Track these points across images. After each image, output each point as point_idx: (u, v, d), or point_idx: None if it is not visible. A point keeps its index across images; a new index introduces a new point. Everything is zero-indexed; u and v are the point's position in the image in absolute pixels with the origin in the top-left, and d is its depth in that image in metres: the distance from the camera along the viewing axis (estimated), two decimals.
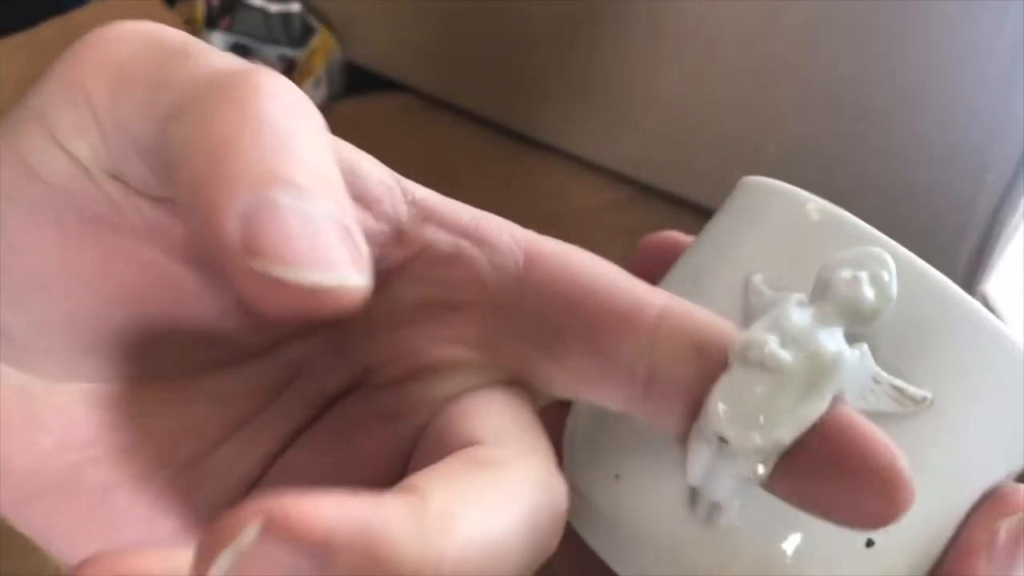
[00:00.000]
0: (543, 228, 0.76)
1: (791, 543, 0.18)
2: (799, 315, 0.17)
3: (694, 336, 0.18)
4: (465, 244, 0.20)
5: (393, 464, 0.19)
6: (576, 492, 0.20)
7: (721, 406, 0.16)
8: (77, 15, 0.79)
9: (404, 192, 0.20)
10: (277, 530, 0.12)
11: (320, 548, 0.12)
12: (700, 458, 0.17)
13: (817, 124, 0.67)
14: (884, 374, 0.17)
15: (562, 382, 0.19)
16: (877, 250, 0.18)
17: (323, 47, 0.89)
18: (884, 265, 0.18)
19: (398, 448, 0.19)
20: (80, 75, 0.16)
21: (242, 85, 0.15)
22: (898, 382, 0.18)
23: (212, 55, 0.17)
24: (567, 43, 0.76)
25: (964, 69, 0.60)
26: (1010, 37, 0.58)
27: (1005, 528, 0.19)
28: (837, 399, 0.17)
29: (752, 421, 0.16)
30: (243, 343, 0.19)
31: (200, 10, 0.89)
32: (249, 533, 0.12)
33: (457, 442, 0.17)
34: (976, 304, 0.18)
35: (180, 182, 0.15)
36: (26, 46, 0.75)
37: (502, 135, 0.84)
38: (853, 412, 0.17)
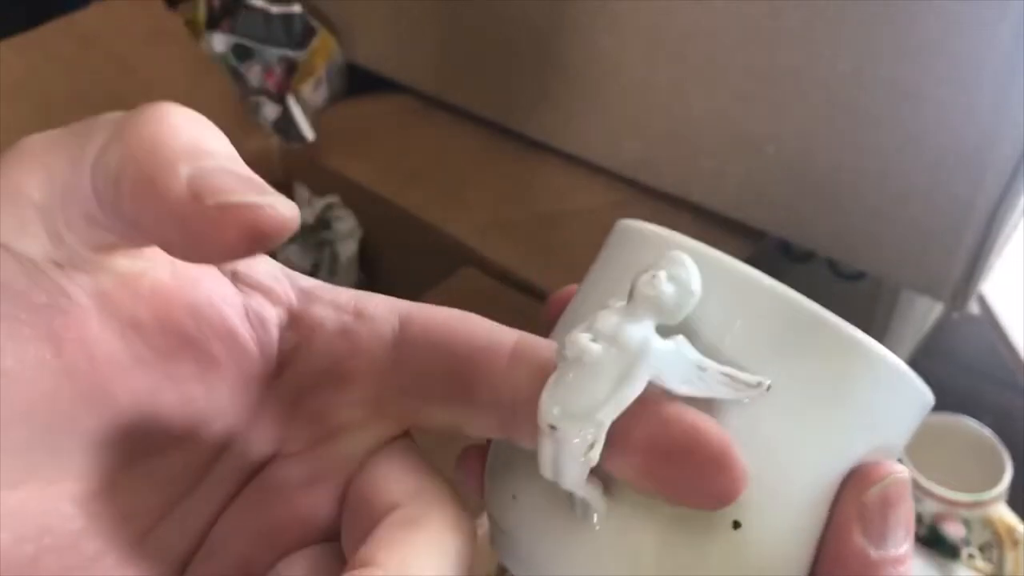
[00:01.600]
0: (543, 228, 0.76)
1: (660, 533, 0.20)
2: (610, 315, 0.19)
3: (542, 361, 0.21)
4: (348, 319, 0.23)
5: (315, 523, 0.22)
6: (489, 517, 0.23)
7: (548, 400, 0.19)
8: (78, 16, 0.79)
9: (291, 282, 0.23)
10: None
11: None
12: (544, 451, 0.19)
13: (816, 124, 0.67)
14: (710, 362, 0.19)
15: (447, 422, 0.22)
16: (675, 252, 0.20)
17: (324, 48, 0.90)
18: (681, 264, 0.20)
19: (318, 509, 0.22)
20: (15, 180, 0.19)
21: (149, 109, 0.19)
22: (727, 369, 0.20)
23: (115, 112, 0.19)
24: (567, 44, 0.77)
25: (963, 70, 0.61)
26: (1009, 37, 0.59)
27: (870, 499, 0.20)
28: (654, 384, 0.19)
29: (574, 409, 0.19)
30: (174, 423, 0.22)
31: (201, 11, 0.89)
32: None
33: (380, 507, 0.20)
34: (807, 302, 0.21)
35: (124, 185, 0.18)
36: (27, 47, 0.75)
37: (502, 135, 0.84)
38: (686, 406, 0.19)
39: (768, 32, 0.66)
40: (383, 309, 0.23)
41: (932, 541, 0.75)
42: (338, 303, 0.23)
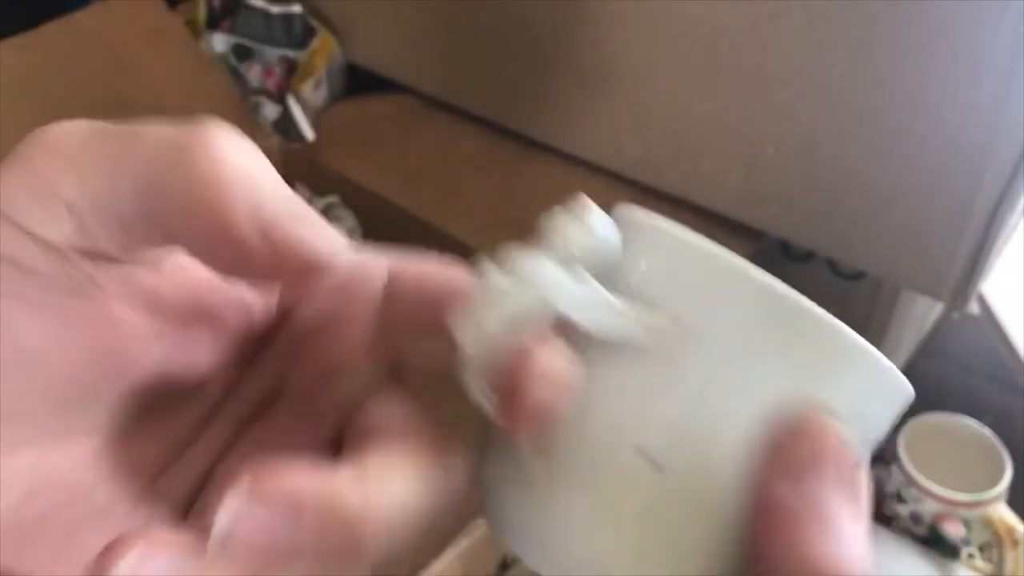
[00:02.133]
0: None
1: (584, 481, 0.22)
2: (525, 255, 0.22)
3: None
4: (343, 269, 0.24)
5: (317, 458, 0.23)
6: (484, 488, 0.24)
7: (461, 322, 0.22)
8: (79, 16, 0.79)
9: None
10: (259, 492, 0.18)
11: (291, 508, 0.18)
12: (461, 368, 0.22)
13: (816, 124, 0.67)
14: (618, 301, 0.21)
15: (428, 359, 0.24)
16: (585, 200, 0.22)
17: (324, 48, 0.90)
18: (587, 209, 0.22)
19: (315, 451, 0.24)
20: (45, 176, 0.20)
21: (203, 140, 0.20)
22: (637, 308, 0.21)
23: (154, 126, 0.20)
24: (567, 44, 0.77)
25: (963, 69, 0.61)
26: (1008, 37, 0.59)
27: (787, 440, 0.21)
28: (560, 315, 0.21)
29: (479, 329, 0.21)
30: (182, 383, 0.23)
31: (201, 11, 0.89)
32: (241, 493, 0.18)
33: (371, 439, 0.22)
34: (735, 256, 0.22)
35: (190, 222, 0.20)
36: (27, 47, 0.75)
37: (502, 135, 0.84)
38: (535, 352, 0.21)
39: (768, 32, 0.66)
40: (374, 257, 0.25)
41: (932, 541, 0.75)
42: (334, 252, 0.24)
